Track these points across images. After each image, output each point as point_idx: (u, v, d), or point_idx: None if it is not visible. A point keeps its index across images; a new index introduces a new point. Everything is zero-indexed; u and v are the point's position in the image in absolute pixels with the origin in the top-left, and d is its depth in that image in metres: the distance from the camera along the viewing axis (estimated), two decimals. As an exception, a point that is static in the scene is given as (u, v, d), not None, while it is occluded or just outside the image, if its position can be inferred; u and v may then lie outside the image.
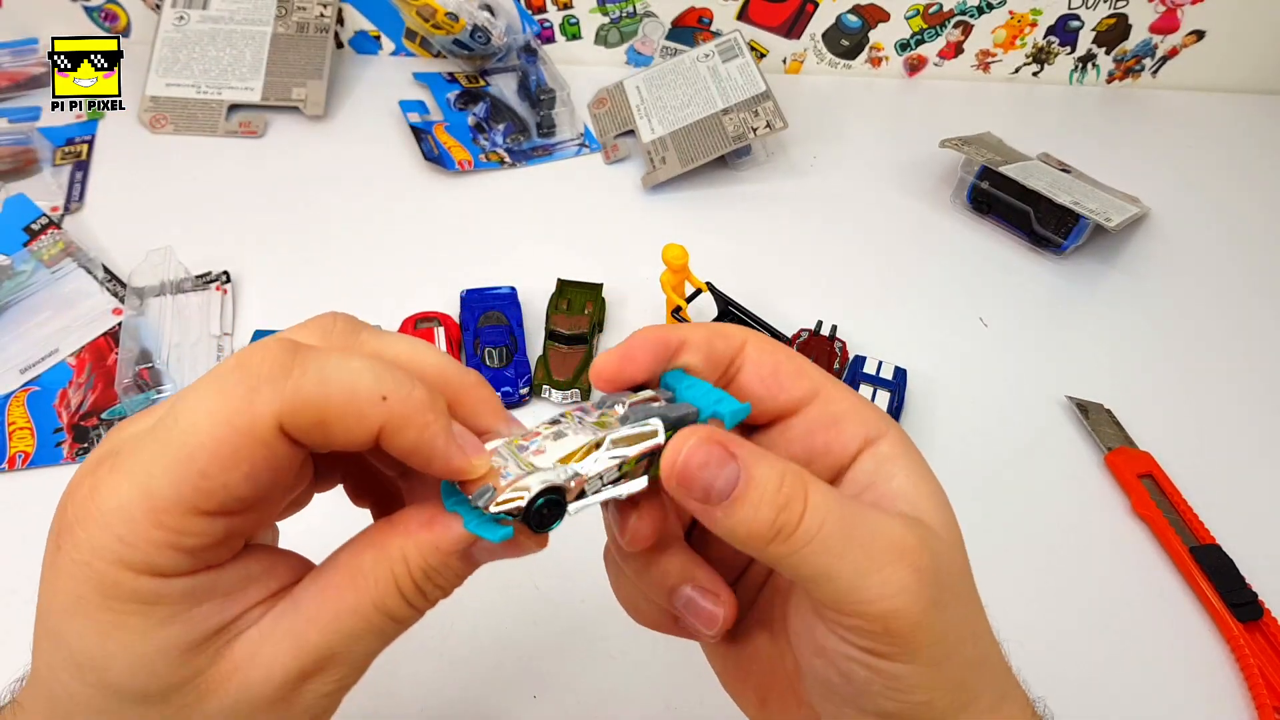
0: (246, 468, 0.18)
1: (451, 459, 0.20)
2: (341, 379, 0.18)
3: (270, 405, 0.18)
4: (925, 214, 0.65)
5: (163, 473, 0.18)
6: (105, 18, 0.71)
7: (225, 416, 0.18)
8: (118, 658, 0.18)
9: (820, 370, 0.23)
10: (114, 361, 0.50)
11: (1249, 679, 0.41)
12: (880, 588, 0.19)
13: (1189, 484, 0.48)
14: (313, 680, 0.20)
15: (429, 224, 0.61)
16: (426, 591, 0.20)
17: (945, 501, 0.22)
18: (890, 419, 0.23)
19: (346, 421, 0.18)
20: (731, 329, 0.23)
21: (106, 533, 0.18)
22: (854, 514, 0.20)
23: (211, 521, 0.18)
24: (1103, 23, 0.75)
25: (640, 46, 0.75)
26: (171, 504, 0.18)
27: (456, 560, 0.20)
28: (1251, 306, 0.60)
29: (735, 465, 0.19)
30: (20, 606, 0.41)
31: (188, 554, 0.18)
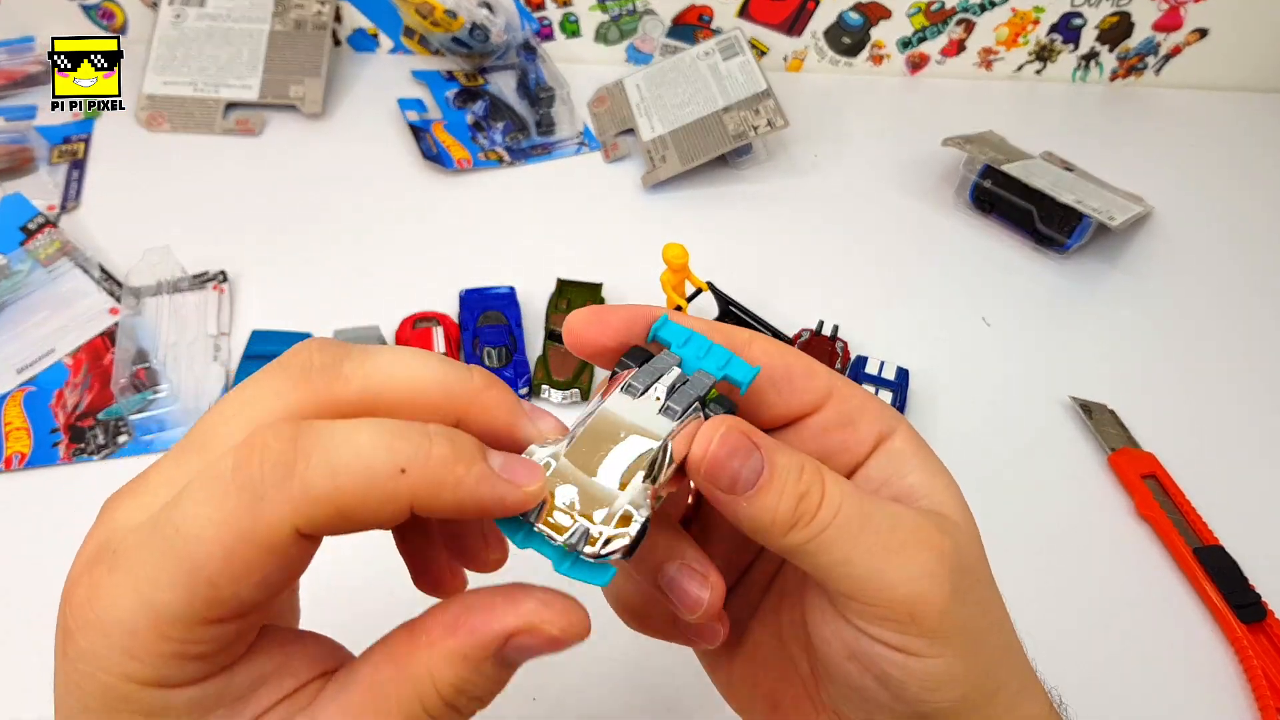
0: (258, 577, 0.16)
1: (505, 499, 0.18)
2: (352, 464, 0.16)
3: (280, 512, 0.16)
4: (927, 213, 0.65)
5: (168, 585, 0.16)
6: (102, 15, 0.71)
7: (233, 528, 0.16)
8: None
9: (828, 369, 0.23)
10: (111, 361, 0.50)
11: (1252, 680, 0.40)
12: (901, 571, 0.19)
13: (1192, 485, 0.48)
14: None
15: (427, 223, 0.61)
16: (460, 707, 0.18)
17: (959, 493, 0.22)
18: (899, 415, 0.24)
19: (369, 507, 0.17)
20: (734, 330, 0.23)
21: (109, 644, 0.16)
22: (871, 503, 0.20)
23: (221, 628, 0.17)
24: (1106, 20, 0.74)
25: (640, 44, 0.75)
26: (178, 617, 0.16)
27: (493, 669, 0.18)
28: (1255, 306, 0.60)
29: (760, 455, 0.19)
30: (16, 607, 0.41)
31: (196, 661, 0.17)
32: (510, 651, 0.18)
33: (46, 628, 0.44)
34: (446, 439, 0.17)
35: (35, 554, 0.42)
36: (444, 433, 0.17)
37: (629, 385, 0.21)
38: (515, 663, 0.18)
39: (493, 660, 0.18)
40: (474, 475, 0.17)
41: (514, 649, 0.18)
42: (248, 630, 0.18)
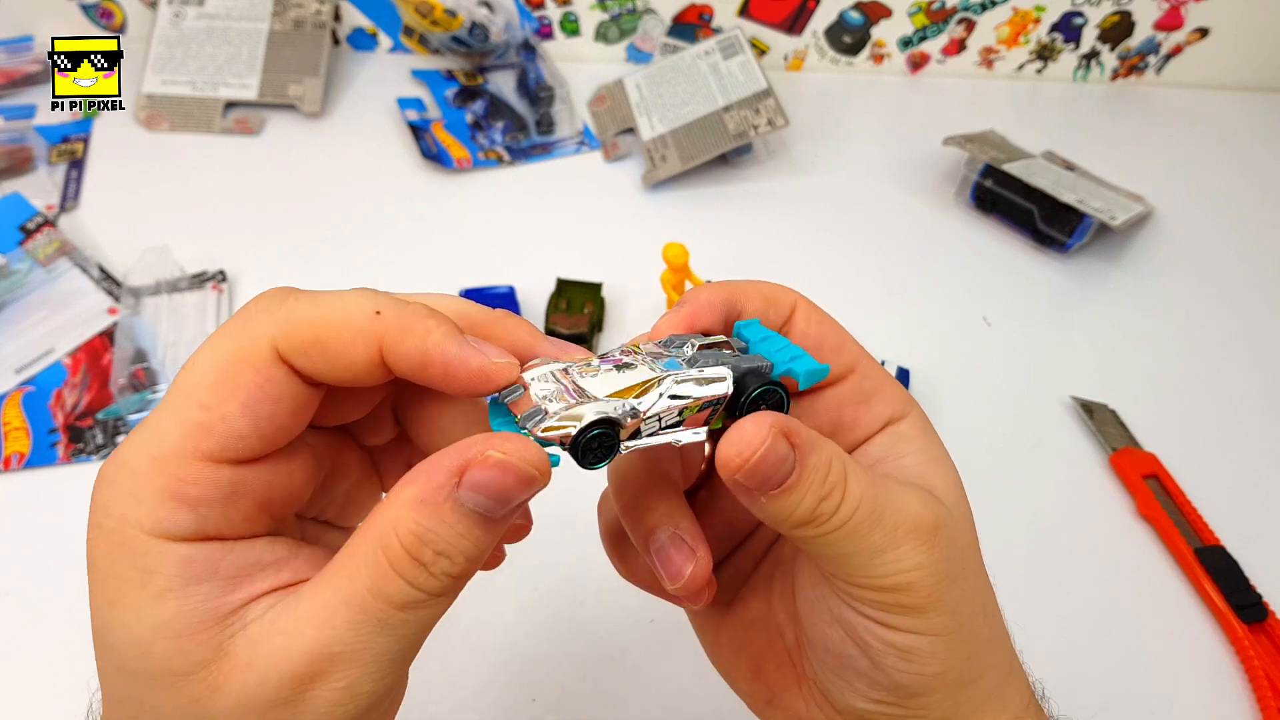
0: (243, 395, 0.18)
1: (469, 360, 0.18)
2: (334, 301, 0.18)
3: (265, 329, 0.18)
4: (928, 212, 0.65)
5: (166, 419, 0.18)
6: (102, 15, 0.71)
7: (221, 349, 0.18)
8: (120, 633, 0.18)
9: (857, 344, 0.24)
10: (109, 361, 0.50)
11: (1253, 680, 0.40)
12: (894, 564, 0.20)
13: (1194, 485, 0.47)
14: (317, 684, 0.18)
15: (427, 223, 0.61)
16: (427, 563, 0.17)
17: (957, 481, 0.23)
18: (913, 400, 0.24)
19: (343, 338, 0.18)
20: (782, 291, 0.23)
21: (115, 489, 0.18)
22: (883, 496, 0.20)
23: (215, 469, 0.18)
24: (1107, 19, 0.74)
25: (640, 43, 0.75)
26: (173, 448, 0.18)
27: (452, 515, 0.17)
28: (1257, 306, 0.60)
29: (793, 456, 0.19)
30: (14, 608, 0.41)
31: (190, 507, 0.18)
32: (466, 491, 0.17)
33: (46, 625, 0.44)
34: (423, 306, 0.19)
35: (34, 553, 0.42)
36: (422, 304, 0.19)
37: (669, 340, 0.21)
38: (482, 509, 0.18)
39: (450, 504, 0.17)
40: (442, 330, 0.18)
41: (469, 486, 0.17)
42: (241, 494, 0.18)
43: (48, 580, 0.41)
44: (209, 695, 0.18)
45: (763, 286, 0.23)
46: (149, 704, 0.18)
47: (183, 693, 0.18)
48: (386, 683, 0.18)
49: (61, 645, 0.39)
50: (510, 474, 0.17)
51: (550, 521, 0.44)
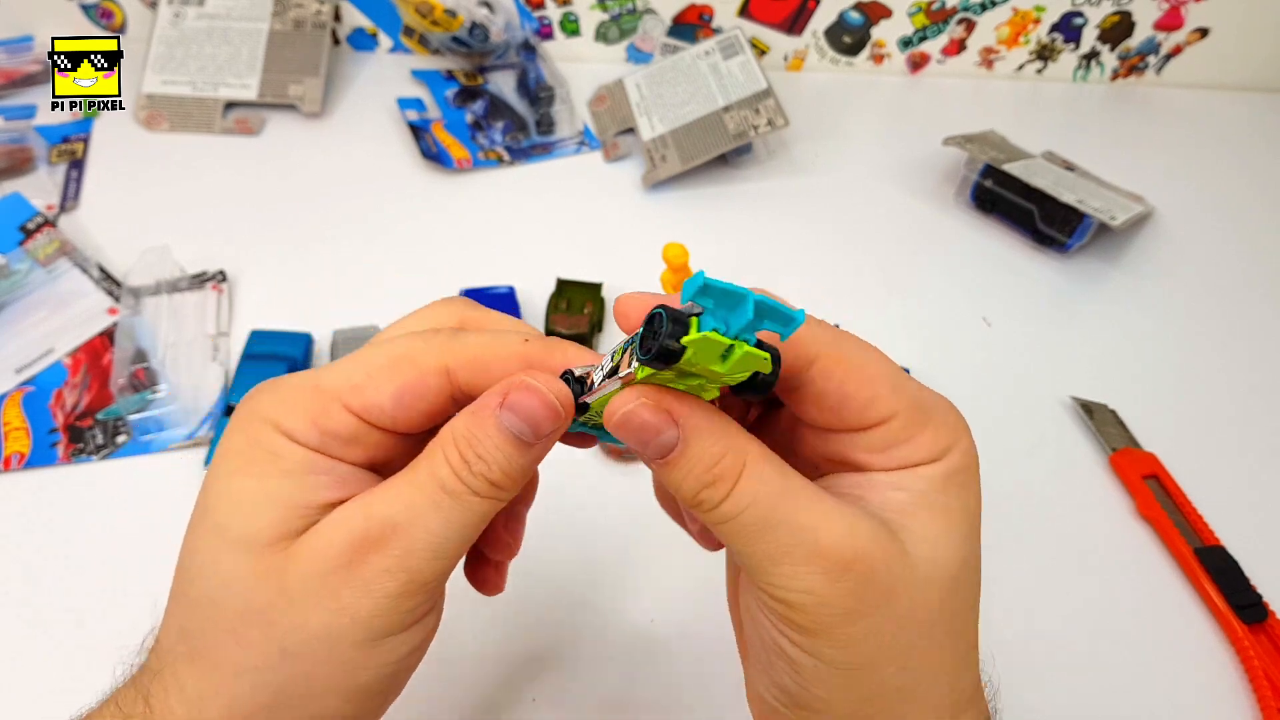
0: (398, 384, 0.22)
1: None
2: (494, 334, 0.23)
3: (439, 346, 0.22)
4: (928, 212, 0.65)
5: (338, 372, 0.22)
6: (102, 15, 0.71)
7: (400, 347, 0.23)
8: (237, 495, 0.21)
9: (896, 380, 0.22)
10: (109, 361, 0.50)
11: (1254, 681, 0.40)
12: (785, 579, 0.20)
13: (1194, 485, 0.47)
14: (374, 551, 0.21)
15: (427, 222, 0.61)
16: (470, 461, 0.21)
17: (959, 545, 0.21)
18: (960, 440, 0.22)
19: (500, 359, 0.22)
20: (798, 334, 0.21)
21: (274, 395, 0.22)
22: (787, 508, 0.20)
23: (349, 417, 0.22)
24: (1107, 20, 0.74)
25: (640, 43, 0.75)
26: (331, 388, 0.22)
27: (493, 428, 0.21)
28: (1257, 306, 0.60)
29: (675, 432, 0.20)
30: (17, 608, 0.40)
31: (320, 432, 0.22)
32: (505, 411, 0.21)
33: (46, 626, 0.44)
34: (559, 340, 0.23)
35: (35, 554, 0.42)
36: (557, 340, 0.23)
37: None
38: (515, 429, 0.21)
39: (493, 420, 0.21)
40: (574, 349, 0.23)
41: (507, 406, 0.21)
42: (361, 442, 0.22)
43: (48, 580, 0.41)
44: (284, 563, 0.21)
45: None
46: (226, 566, 0.21)
47: (264, 559, 0.21)
48: (431, 566, 0.21)
49: (61, 645, 0.39)
50: (538, 399, 0.21)
51: (550, 522, 0.44)
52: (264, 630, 0.21)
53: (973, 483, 0.22)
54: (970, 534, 0.22)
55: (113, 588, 0.41)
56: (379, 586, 0.21)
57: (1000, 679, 0.27)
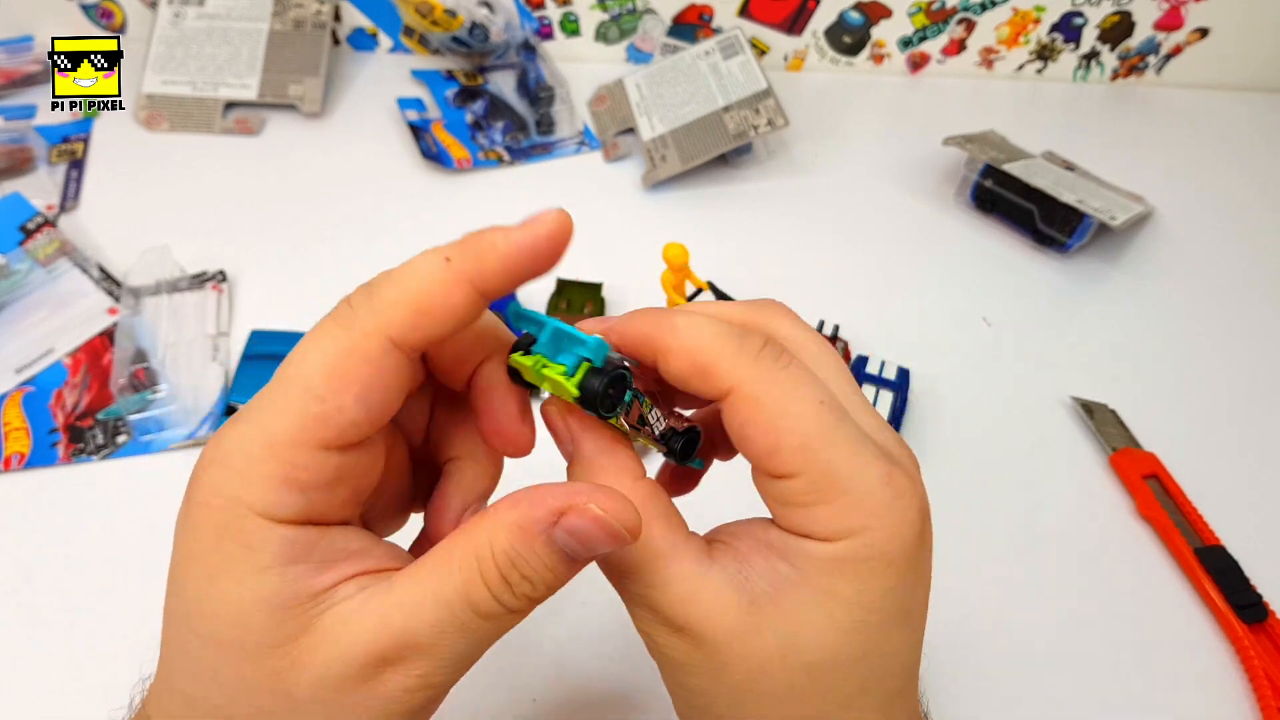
0: (357, 387, 0.19)
1: (538, 232, 0.21)
2: (408, 271, 0.20)
3: (369, 322, 0.19)
4: (928, 213, 0.65)
5: (281, 410, 0.19)
6: (102, 15, 0.71)
7: (334, 347, 0.19)
8: (219, 603, 0.19)
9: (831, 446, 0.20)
10: (109, 361, 0.50)
11: (1254, 681, 0.40)
12: (636, 619, 0.22)
13: (1194, 485, 0.47)
14: (394, 669, 0.19)
15: (427, 223, 0.61)
16: (513, 583, 0.19)
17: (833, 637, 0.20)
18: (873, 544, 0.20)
19: (438, 296, 0.19)
20: (719, 356, 0.20)
21: (227, 470, 0.19)
22: (638, 560, 0.21)
23: (325, 455, 0.19)
24: (1107, 20, 0.74)
25: (640, 43, 0.75)
26: (288, 436, 0.19)
27: (544, 548, 0.19)
28: (1257, 306, 0.60)
29: (571, 448, 0.23)
30: (17, 608, 0.40)
31: (300, 491, 0.19)
32: (561, 532, 0.19)
33: (46, 626, 0.44)
34: (471, 235, 0.21)
35: (35, 554, 0.42)
36: (469, 234, 0.21)
37: None
38: (569, 550, 0.19)
39: (544, 538, 0.19)
40: (499, 232, 0.20)
41: (565, 528, 0.19)
42: (345, 479, 0.20)
43: (48, 581, 0.41)
44: (289, 668, 0.19)
45: (696, 338, 0.21)
46: (227, 675, 0.19)
47: (265, 664, 0.19)
48: (452, 680, 0.20)
49: (62, 646, 0.39)
50: (603, 529, 0.19)
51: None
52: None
53: (880, 574, 0.20)
54: (856, 628, 0.20)
55: (113, 588, 0.41)
56: (398, 705, 0.19)
57: (1000, 678, 0.27)
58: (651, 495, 0.22)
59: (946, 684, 0.39)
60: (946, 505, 0.27)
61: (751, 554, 0.21)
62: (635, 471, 0.22)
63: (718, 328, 0.21)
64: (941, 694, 0.39)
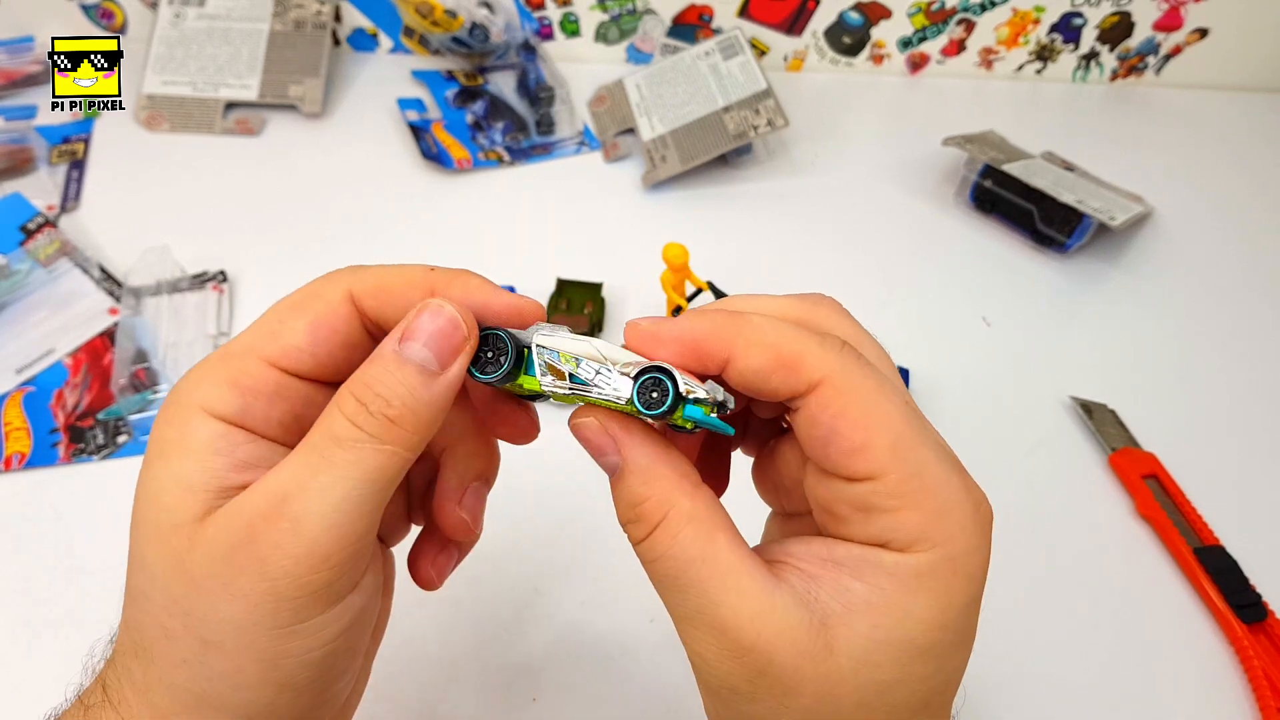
0: (310, 317, 0.22)
1: (501, 297, 0.23)
2: (396, 266, 0.23)
3: (339, 279, 0.22)
4: (928, 213, 0.65)
5: (250, 330, 0.22)
6: (102, 15, 0.71)
7: (302, 290, 0.22)
8: (146, 484, 0.21)
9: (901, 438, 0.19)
10: (110, 361, 0.50)
11: (1253, 680, 0.40)
12: (689, 638, 0.20)
13: (1193, 485, 0.48)
14: (265, 525, 0.19)
15: (427, 223, 0.61)
16: (367, 400, 0.20)
17: (906, 661, 0.19)
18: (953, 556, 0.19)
19: (402, 286, 0.22)
20: (805, 349, 0.20)
21: (187, 378, 0.22)
22: (700, 575, 0.20)
23: (268, 369, 0.21)
24: (1106, 20, 0.74)
25: (640, 44, 0.75)
26: (240, 349, 0.22)
27: (394, 362, 0.20)
28: (1256, 306, 0.60)
29: (617, 458, 0.21)
30: (18, 608, 0.41)
31: (239, 393, 0.21)
32: (405, 342, 0.21)
33: (47, 626, 0.44)
34: (463, 270, 0.23)
35: (35, 553, 0.42)
36: (462, 269, 0.23)
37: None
38: (419, 359, 0.21)
39: (393, 355, 0.21)
40: (479, 280, 0.23)
41: (407, 336, 0.21)
42: (284, 405, 0.22)
43: (49, 580, 0.41)
44: (187, 548, 0.20)
45: (777, 334, 0.20)
46: (149, 558, 0.20)
47: (168, 544, 0.20)
48: (331, 536, 0.19)
49: (63, 646, 0.39)
50: (438, 316, 0.21)
51: (550, 521, 0.45)
52: (183, 620, 0.20)
53: (954, 590, 0.19)
54: (932, 648, 0.19)
55: (113, 587, 0.41)
56: (273, 564, 0.19)
57: (1000, 679, 0.28)
58: (713, 505, 0.21)
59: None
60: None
61: (820, 572, 0.20)
62: (694, 478, 0.21)
63: (796, 326, 0.20)
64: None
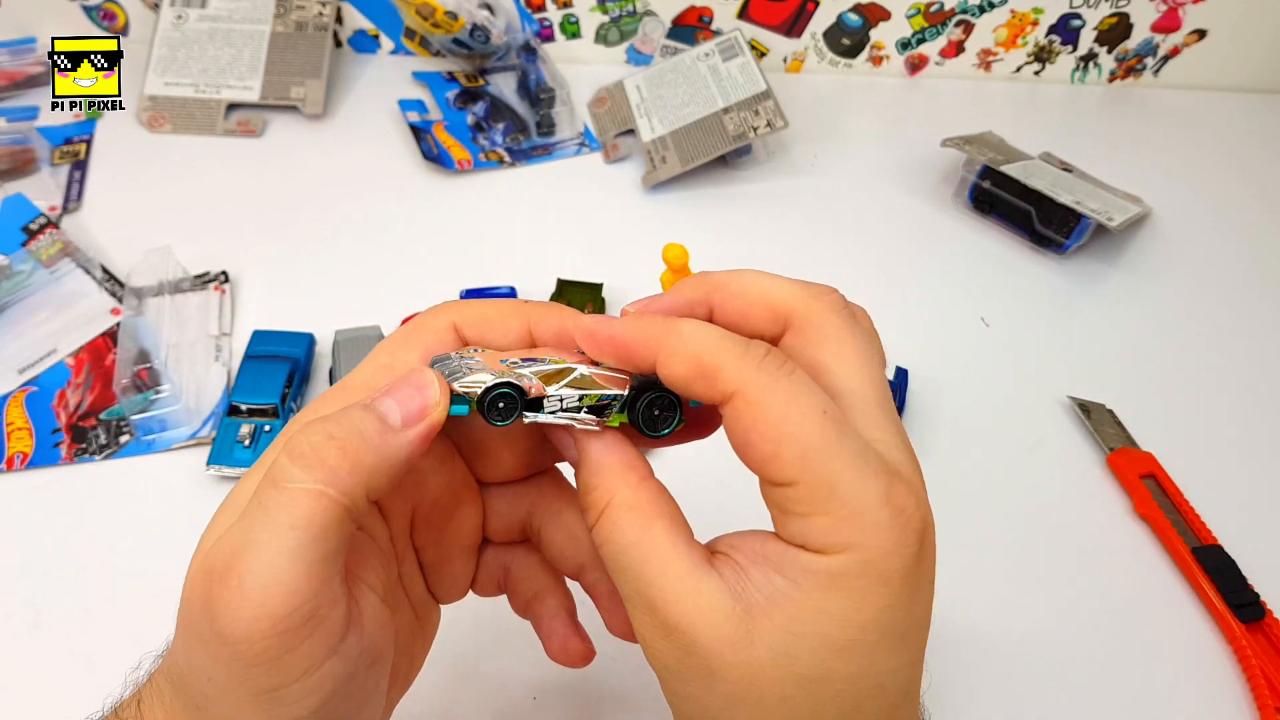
0: (420, 348, 0.24)
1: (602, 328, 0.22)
2: (494, 302, 0.25)
3: (441, 313, 0.24)
4: (926, 214, 0.65)
5: (359, 376, 0.24)
6: (104, 17, 0.71)
7: (406, 326, 0.24)
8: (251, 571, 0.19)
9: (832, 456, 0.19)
10: (112, 362, 0.50)
11: (1251, 680, 0.40)
12: (633, 619, 0.21)
13: (1191, 485, 0.48)
14: (218, 585, 0.19)
15: (428, 224, 0.61)
16: (308, 434, 0.20)
17: (825, 655, 0.19)
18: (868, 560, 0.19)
19: (501, 316, 0.24)
20: (718, 368, 0.20)
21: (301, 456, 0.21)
22: (637, 559, 0.21)
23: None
24: (1104, 22, 0.74)
25: (640, 45, 0.75)
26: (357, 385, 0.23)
27: (359, 412, 0.21)
28: (1254, 306, 0.60)
29: (575, 452, 0.23)
30: (19, 607, 0.41)
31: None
32: (382, 396, 0.21)
33: (49, 626, 0.44)
34: (558, 304, 0.25)
35: (37, 554, 0.42)
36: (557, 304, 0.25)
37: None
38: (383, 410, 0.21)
39: (359, 406, 0.21)
40: (573, 311, 0.24)
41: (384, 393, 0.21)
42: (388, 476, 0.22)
43: (51, 580, 0.41)
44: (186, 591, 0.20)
45: (699, 343, 0.21)
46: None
47: None
48: (280, 594, 0.19)
49: (64, 646, 0.39)
50: (417, 382, 0.21)
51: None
52: (186, 665, 0.21)
53: (874, 592, 0.19)
54: (851, 646, 0.19)
55: (115, 587, 0.41)
56: (230, 630, 0.19)
57: (997, 678, 0.28)
58: (657, 495, 0.22)
59: (943, 683, 0.39)
60: (944, 505, 0.27)
61: (750, 565, 0.20)
62: (642, 471, 0.22)
63: (721, 334, 0.21)
64: (938, 693, 0.39)
